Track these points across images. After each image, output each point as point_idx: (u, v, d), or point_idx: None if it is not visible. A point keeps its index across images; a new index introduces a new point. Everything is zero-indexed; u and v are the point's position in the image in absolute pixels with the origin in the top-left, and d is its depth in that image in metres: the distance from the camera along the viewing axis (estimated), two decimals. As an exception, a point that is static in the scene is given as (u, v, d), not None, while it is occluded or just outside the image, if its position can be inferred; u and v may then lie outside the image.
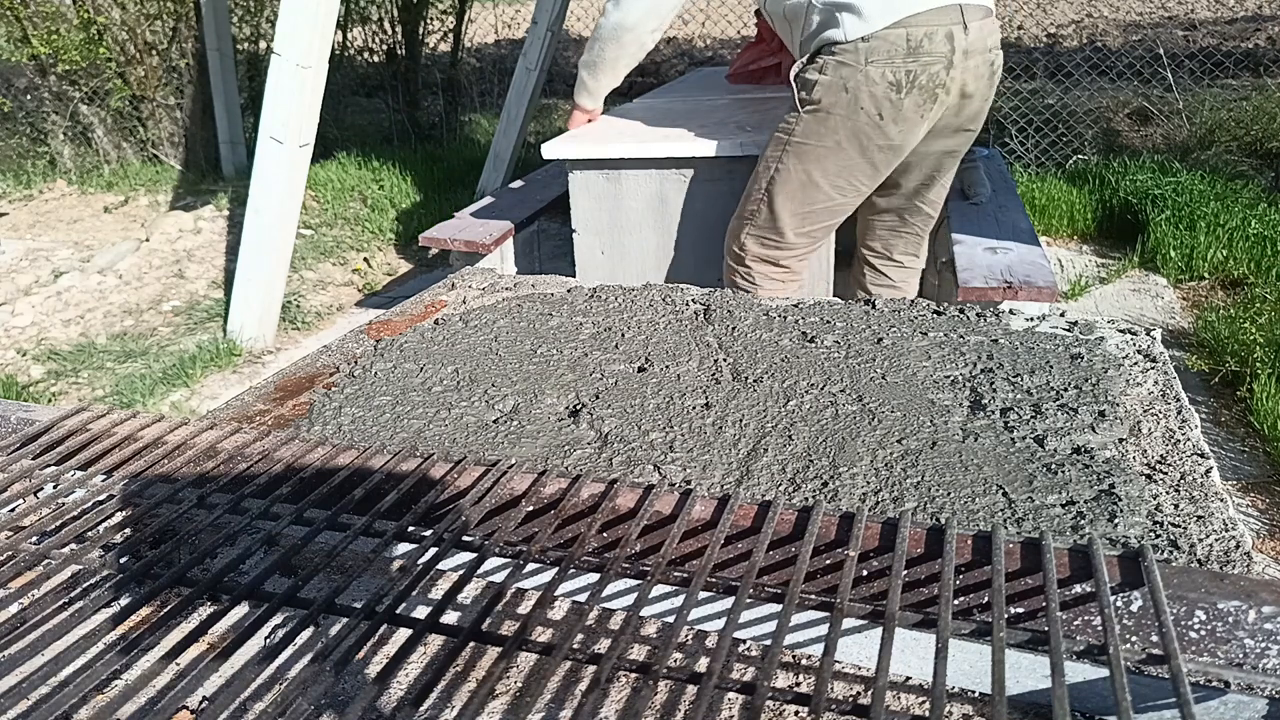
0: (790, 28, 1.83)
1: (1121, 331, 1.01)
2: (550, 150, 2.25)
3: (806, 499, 0.72)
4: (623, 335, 1.07)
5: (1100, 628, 0.53)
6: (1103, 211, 3.74)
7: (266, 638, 0.63)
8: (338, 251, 4.04)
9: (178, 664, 0.53)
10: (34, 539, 0.67)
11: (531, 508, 0.66)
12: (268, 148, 2.97)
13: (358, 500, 0.68)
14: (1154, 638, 0.53)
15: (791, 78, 1.82)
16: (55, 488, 0.75)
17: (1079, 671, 0.55)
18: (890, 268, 2.08)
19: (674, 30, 8.21)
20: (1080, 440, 0.79)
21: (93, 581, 0.62)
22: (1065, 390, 0.88)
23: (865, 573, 0.59)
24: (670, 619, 0.64)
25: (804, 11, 1.75)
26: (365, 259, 3.94)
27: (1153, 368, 0.92)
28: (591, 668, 0.59)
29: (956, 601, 0.57)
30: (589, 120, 2.42)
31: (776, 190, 1.87)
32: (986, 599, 0.56)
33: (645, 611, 0.64)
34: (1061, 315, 1.06)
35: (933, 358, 0.96)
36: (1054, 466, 0.75)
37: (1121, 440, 0.79)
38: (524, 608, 0.66)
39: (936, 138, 1.84)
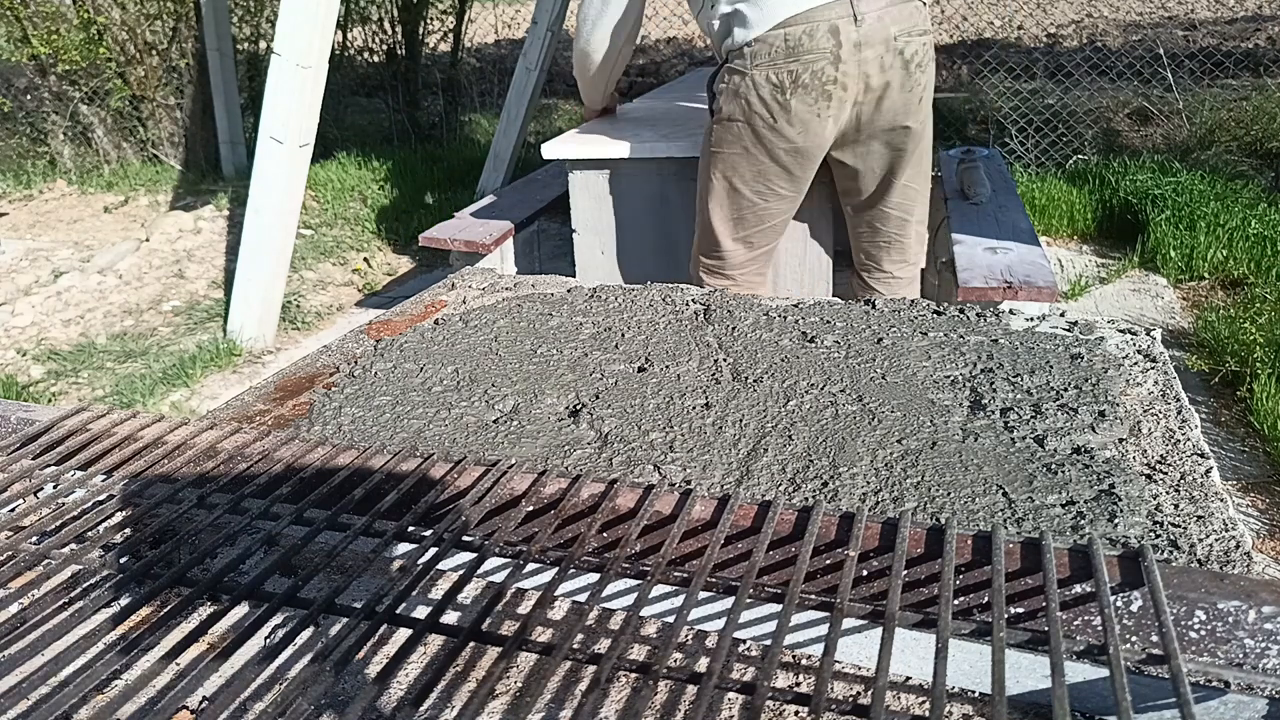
0: (709, 41, 1.89)
1: (1121, 331, 1.01)
2: (550, 150, 2.26)
3: (806, 499, 0.72)
4: (623, 335, 1.07)
5: (1100, 628, 0.53)
6: (1103, 211, 3.74)
7: (266, 638, 0.63)
8: (338, 251, 4.04)
9: (178, 664, 0.53)
10: (34, 539, 0.67)
11: (531, 508, 0.66)
12: (268, 148, 2.97)
13: (358, 500, 0.68)
14: (1154, 638, 0.53)
15: (706, 88, 1.87)
16: (55, 488, 0.75)
17: (1079, 671, 0.55)
18: (879, 279, 2.03)
19: (674, 30, 8.21)
20: (1080, 440, 0.79)
21: (93, 581, 0.62)
22: (1065, 390, 0.88)
23: (865, 573, 0.59)
24: (670, 619, 0.64)
25: (710, 24, 1.78)
26: (365, 259, 3.94)
27: (1153, 368, 0.92)
28: (591, 668, 0.59)
29: (956, 601, 0.57)
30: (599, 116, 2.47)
31: (707, 200, 1.91)
32: (986, 599, 0.56)
33: (645, 611, 0.64)
34: (1061, 315, 1.06)
35: (933, 358, 0.96)
36: (1054, 466, 0.75)
37: (1121, 440, 0.79)
38: (524, 608, 0.66)
39: (867, 138, 1.81)
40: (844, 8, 1.63)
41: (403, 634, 0.62)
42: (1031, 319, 1.06)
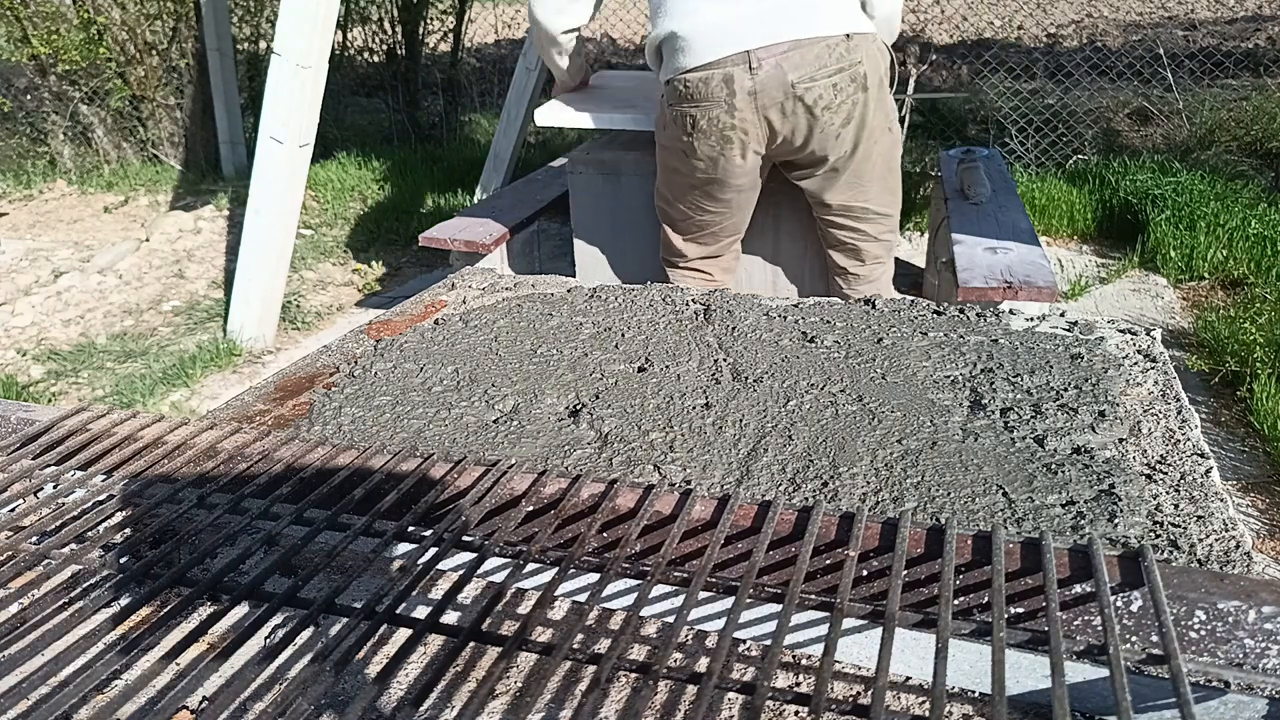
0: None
1: (1121, 331, 1.01)
2: (543, 117, 2.22)
3: (806, 499, 0.72)
4: (623, 335, 1.07)
5: (1100, 628, 0.53)
6: (1103, 211, 3.74)
7: (266, 638, 0.63)
8: (338, 251, 4.04)
9: (178, 664, 0.53)
10: (34, 539, 0.67)
11: (531, 508, 0.66)
12: (268, 148, 2.97)
13: (358, 500, 0.68)
14: (1154, 638, 0.53)
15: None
16: (55, 488, 0.75)
17: (1079, 671, 0.55)
18: (841, 275, 2.06)
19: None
20: (1080, 440, 0.79)
21: (93, 581, 0.62)
22: (1065, 390, 0.88)
23: (865, 573, 0.59)
24: (670, 619, 0.64)
25: (647, 48, 1.86)
26: (365, 259, 3.94)
27: (1153, 368, 0.92)
28: (591, 668, 0.59)
29: (956, 601, 0.57)
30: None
31: (658, 208, 2.04)
32: (986, 599, 0.56)
33: (645, 611, 0.64)
34: (1061, 315, 1.06)
35: (933, 358, 0.96)
36: (1054, 466, 0.75)
37: (1121, 440, 0.79)
38: (524, 608, 0.66)
39: (795, 166, 1.85)
40: (740, 57, 1.63)
41: (403, 634, 0.62)
42: (1031, 319, 1.06)
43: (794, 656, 0.61)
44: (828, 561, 0.59)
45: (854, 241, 1.97)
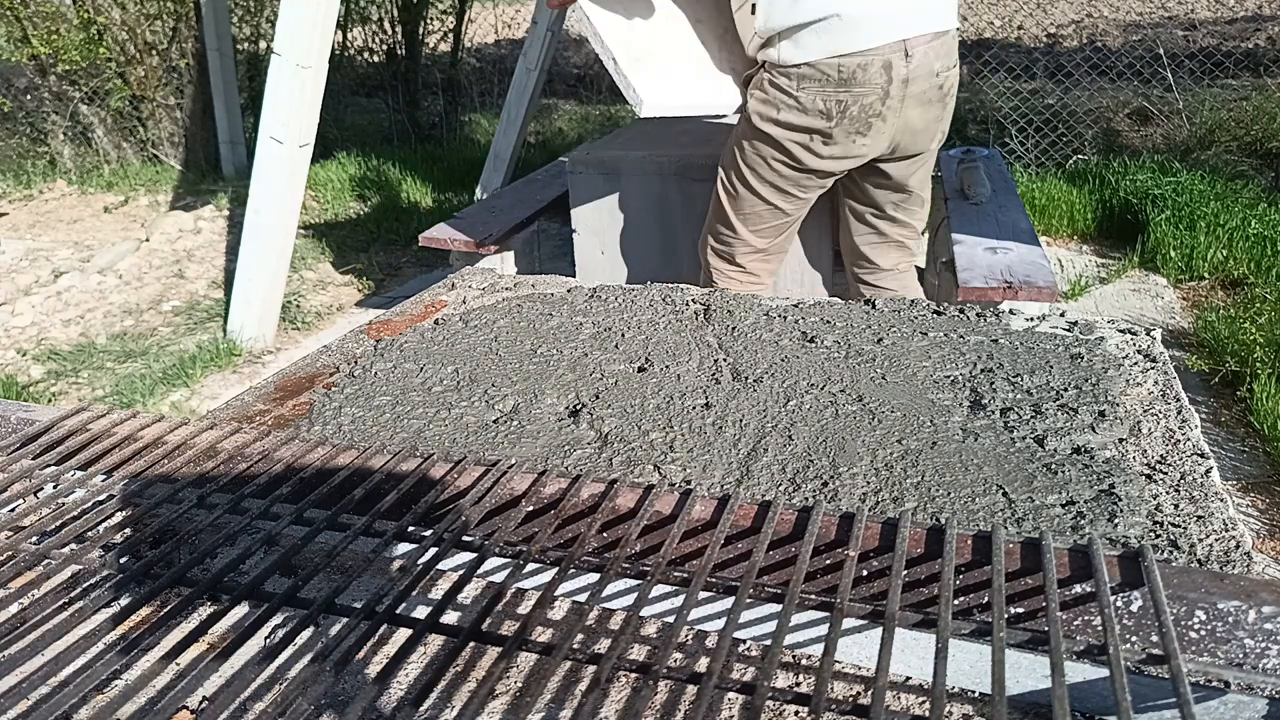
0: (742, 35, 1.91)
1: (1121, 331, 1.01)
2: (651, 106, 1.98)
3: (806, 499, 0.72)
4: (623, 335, 1.07)
5: (1100, 628, 0.53)
6: (1103, 211, 3.74)
7: (266, 638, 0.63)
8: (338, 251, 4.04)
9: (178, 664, 0.53)
10: (34, 539, 0.67)
11: (531, 508, 0.66)
12: (268, 148, 2.97)
13: (358, 500, 0.68)
14: (1154, 638, 0.53)
15: (741, 85, 1.88)
16: (55, 488, 0.75)
17: (1079, 671, 0.55)
18: (882, 276, 2.07)
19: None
20: (1080, 440, 0.79)
21: (93, 581, 0.62)
22: (1065, 390, 0.88)
23: (865, 573, 0.59)
24: (670, 619, 0.64)
25: (748, 29, 1.81)
26: (365, 259, 3.94)
27: (1153, 368, 0.92)
28: (591, 668, 0.59)
29: (956, 601, 0.57)
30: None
31: (726, 191, 1.94)
32: (986, 599, 0.56)
33: (645, 611, 0.64)
34: (1061, 315, 1.06)
35: (933, 358, 0.96)
36: (1054, 466, 0.75)
37: (1121, 440, 0.79)
38: (524, 608, 0.66)
39: (892, 159, 1.86)
40: (898, 45, 1.67)
41: (403, 634, 0.62)
42: (1031, 319, 1.06)
43: (794, 656, 0.61)
44: (828, 561, 0.59)
45: (903, 237, 2.02)
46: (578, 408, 0.90)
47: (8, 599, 0.60)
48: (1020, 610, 0.56)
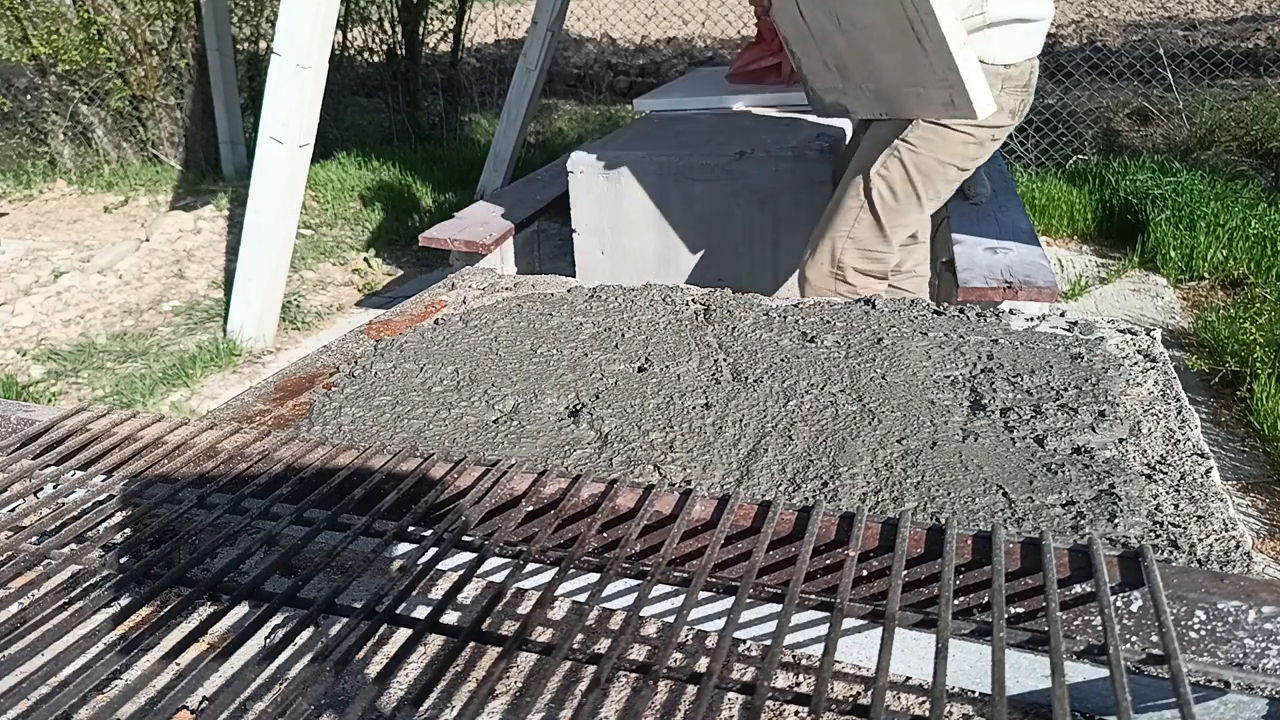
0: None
1: (1121, 331, 1.01)
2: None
3: (806, 499, 0.72)
4: (623, 335, 1.07)
5: (1100, 628, 0.53)
6: (1103, 211, 3.74)
7: (266, 638, 0.63)
8: (338, 251, 4.04)
9: (178, 664, 0.53)
10: (34, 539, 0.67)
11: (531, 508, 0.66)
12: (268, 148, 2.97)
13: (358, 500, 0.68)
14: (1154, 638, 0.53)
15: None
16: (55, 488, 0.75)
17: (1079, 671, 0.55)
18: (904, 279, 2.10)
19: (674, 30, 8.21)
20: (1080, 440, 0.79)
21: (93, 581, 0.62)
22: (1065, 390, 0.88)
23: (865, 573, 0.59)
24: (670, 619, 0.64)
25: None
26: (365, 259, 3.94)
27: (1153, 368, 0.92)
28: (591, 668, 0.59)
29: (956, 601, 0.57)
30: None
31: (878, 199, 1.86)
32: (986, 599, 0.56)
33: (645, 611, 0.64)
34: (1061, 315, 1.06)
35: (933, 358, 0.96)
36: (1054, 466, 0.75)
37: (1121, 440, 0.79)
38: (524, 608, 0.66)
39: None
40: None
41: (403, 634, 0.62)
42: (1031, 319, 1.06)
43: (794, 656, 0.61)
44: (828, 561, 0.59)
45: (925, 238, 2.11)
46: (578, 408, 0.90)
47: (8, 599, 0.60)
48: (1020, 610, 0.56)
